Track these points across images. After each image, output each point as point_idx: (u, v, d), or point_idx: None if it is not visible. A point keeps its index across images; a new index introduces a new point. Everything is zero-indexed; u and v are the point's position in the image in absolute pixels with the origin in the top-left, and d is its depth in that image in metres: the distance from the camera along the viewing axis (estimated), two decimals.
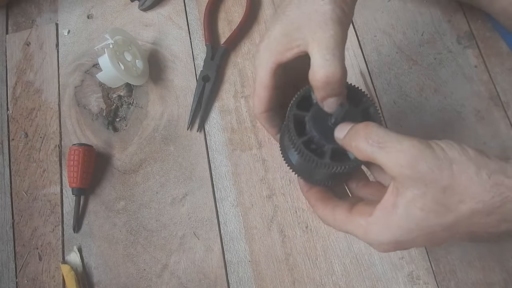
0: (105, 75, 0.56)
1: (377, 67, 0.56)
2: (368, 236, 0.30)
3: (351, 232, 0.32)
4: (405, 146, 0.28)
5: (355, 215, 0.32)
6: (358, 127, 0.30)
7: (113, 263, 0.53)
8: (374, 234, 0.30)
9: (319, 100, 0.33)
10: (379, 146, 0.29)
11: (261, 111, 0.37)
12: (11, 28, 0.68)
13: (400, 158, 0.28)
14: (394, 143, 0.28)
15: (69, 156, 0.55)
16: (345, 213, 0.32)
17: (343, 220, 0.32)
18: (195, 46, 0.61)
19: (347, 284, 0.48)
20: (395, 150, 0.28)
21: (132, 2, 0.65)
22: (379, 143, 0.29)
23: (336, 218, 0.33)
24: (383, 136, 0.29)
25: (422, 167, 0.27)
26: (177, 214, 0.54)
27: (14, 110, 0.62)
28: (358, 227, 0.31)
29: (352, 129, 0.31)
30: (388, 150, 0.28)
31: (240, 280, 0.50)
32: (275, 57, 0.34)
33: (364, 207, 0.32)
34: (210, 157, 0.56)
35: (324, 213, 0.34)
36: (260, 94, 0.36)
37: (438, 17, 0.57)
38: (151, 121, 0.58)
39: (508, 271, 0.46)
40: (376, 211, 0.30)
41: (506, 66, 0.53)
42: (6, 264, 0.55)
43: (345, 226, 0.32)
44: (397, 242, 0.30)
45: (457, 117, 0.52)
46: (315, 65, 0.32)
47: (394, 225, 0.29)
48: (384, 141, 0.29)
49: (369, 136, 0.29)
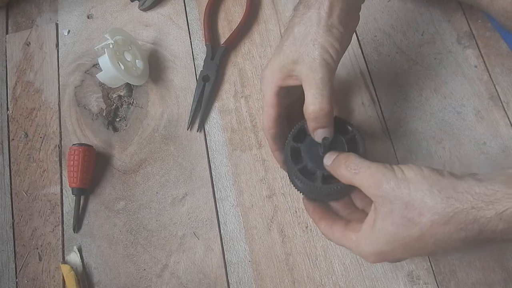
0: (105, 75, 0.56)
1: (377, 67, 0.56)
2: (358, 248, 0.36)
3: (346, 246, 0.38)
4: (373, 170, 0.35)
5: (348, 231, 0.38)
6: (340, 157, 0.38)
7: (113, 263, 0.53)
8: (362, 247, 0.36)
9: (310, 130, 0.40)
10: (355, 172, 0.36)
11: (269, 127, 0.43)
12: (11, 28, 0.68)
13: (369, 181, 0.35)
14: (365, 169, 0.35)
15: (69, 156, 0.55)
16: (341, 229, 0.39)
17: (339, 236, 0.39)
18: (195, 46, 0.61)
19: (347, 284, 0.48)
20: (366, 174, 0.35)
21: (132, 2, 0.65)
22: (355, 170, 0.36)
23: (334, 234, 0.39)
24: (358, 164, 0.36)
25: (385, 187, 0.34)
26: (177, 214, 0.54)
27: (14, 110, 0.62)
28: (350, 241, 0.37)
29: (336, 159, 0.38)
30: (361, 175, 0.35)
31: (240, 280, 0.50)
32: (277, 81, 0.42)
33: (355, 224, 0.38)
34: (210, 157, 0.56)
35: (325, 230, 0.40)
36: (268, 112, 0.43)
37: (438, 17, 0.57)
38: (151, 121, 0.58)
39: (508, 271, 0.46)
40: (363, 226, 0.36)
41: (506, 66, 0.53)
42: (6, 264, 0.55)
43: (341, 240, 0.38)
44: (381, 253, 0.35)
45: (457, 117, 0.52)
46: (307, 102, 0.39)
47: (375, 238, 0.35)
48: (358, 168, 0.36)
49: (348, 164, 0.36)
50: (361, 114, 0.54)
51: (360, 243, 0.36)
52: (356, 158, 0.37)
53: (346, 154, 0.38)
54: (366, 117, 0.54)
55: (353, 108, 0.55)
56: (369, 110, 0.54)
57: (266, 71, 0.42)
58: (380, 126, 0.53)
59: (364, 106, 0.54)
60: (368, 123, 0.54)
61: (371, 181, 0.35)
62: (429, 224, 0.32)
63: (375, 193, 0.34)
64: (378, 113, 0.54)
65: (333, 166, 0.38)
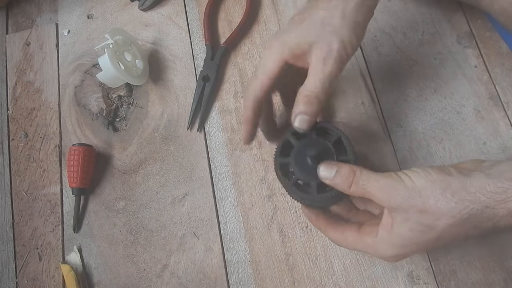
0: (105, 75, 0.56)
1: (377, 67, 0.56)
2: (377, 252, 0.37)
3: (362, 250, 0.38)
4: (381, 184, 0.35)
5: (363, 236, 0.37)
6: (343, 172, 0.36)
7: (113, 263, 0.53)
8: (382, 250, 0.36)
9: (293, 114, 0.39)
10: (363, 189, 0.35)
11: (256, 94, 0.40)
12: (11, 28, 0.68)
13: (380, 194, 0.35)
14: (373, 183, 0.35)
15: (69, 156, 0.55)
16: (354, 234, 0.38)
17: (354, 241, 0.38)
18: (195, 46, 0.61)
19: (347, 284, 0.48)
20: (375, 188, 0.35)
21: (132, 2, 0.65)
22: (363, 186, 0.35)
23: (347, 240, 0.39)
24: (365, 179, 0.35)
25: (398, 199, 0.34)
26: (177, 214, 0.54)
27: (14, 110, 0.62)
28: (368, 246, 0.37)
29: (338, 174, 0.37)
30: (370, 189, 0.35)
31: (240, 280, 0.50)
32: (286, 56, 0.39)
33: (369, 228, 0.37)
34: (210, 157, 0.56)
35: (335, 236, 0.40)
36: (263, 81, 0.40)
37: (438, 17, 0.57)
38: (151, 121, 0.58)
39: (508, 271, 0.46)
40: (379, 231, 0.36)
41: (506, 66, 0.53)
42: (6, 264, 0.55)
43: (356, 245, 0.38)
44: (401, 255, 0.36)
45: (457, 117, 0.52)
46: (307, 85, 0.38)
47: (394, 243, 0.35)
48: (366, 183, 0.35)
49: (356, 182, 0.36)
50: (361, 114, 0.54)
51: (378, 247, 0.36)
52: (361, 173, 0.36)
53: (349, 167, 0.37)
54: (366, 117, 0.54)
55: (353, 108, 0.55)
56: (369, 110, 0.54)
57: (277, 42, 0.40)
58: (380, 126, 0.53)
59: (364, 106, 0.54)
60: (368, 123, 0.54)
61: (381, 194, 0.34)
62: (447, 227, 0.33)
63: (388, 205, 0.35)
64: (378, 113, 0.54)
65: (336, 181, 0.37)
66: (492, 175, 0.32)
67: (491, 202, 0.31)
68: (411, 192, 0.33)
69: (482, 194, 0.32)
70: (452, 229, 0.33)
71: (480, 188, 0.32)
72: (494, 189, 0.31)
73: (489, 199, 0.31)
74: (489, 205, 0.31)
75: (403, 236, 0.34)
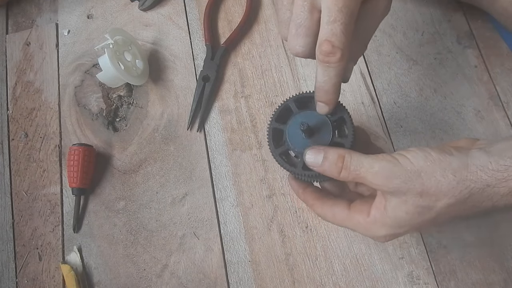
0: (105, 75, 0.56)
1: (377, 67, 0.56)
2: (369, 232, 0.36)
3: (351, 228, 0.37)
4: (377, 168, 0.32)
5: (354, 213, 0.36)
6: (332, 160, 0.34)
7: (113, 263, 0.53)
8: (374, 231, 0.35)
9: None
10: (356, 174, 0.33)
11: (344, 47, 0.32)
12: (11, 28, 0.68)
13: (375, 179, 0.32)
14: (367, 168, 0.33)
15: (69, 156, 0.55)
16: (344, 211, 0.36)
17: (344, 218, 0.37)
18: (195, 46, 0.61)
19: (347, 284, 0.48)
20: (369, 174, 0.33)
21: (132, 2, 0.65)
22: (355, 171, 0.33)
23: (335, 216, 0.37)
24: (357, 164, 0.33)
25: (396, 182, 0.32)
26: (177, 214, 0.54)
27: (14, 110, 0.62)
28: (358, 224, 0.36)
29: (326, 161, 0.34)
30: (364, 175, 0.33)
31: (240, 280, 0.50)
32: None
33: (360, 206, 0.36)
34: (210, 157, 0.56)
35: (324, 211, 0.38)
36: (344, 21, 0.31)
37: (438, 17, 0.57)
38: (151, 121, 0.58)
39: (508, 271, 0.46)
40: (372, 211, 0.35)
41: (506, 66, 0.53)
42: (6, 264, 0.55)
43: (345, 223, 0.37)
44: (393, 234, 0.35)
45: (457, 117, 0.52)
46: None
47: (388, 223, 0.34)
48: (358, 168, 0.33)
49: (346, 167, 0.33)
50: (361, 114, 0.54)
51: (370, 227, 0.35)
52: (352, 158, 0.33)
53: (337, 153, 0.34)
54: (366, 117, 0.54)
55: (353, 108, 0.55)
56: (369, 110, 0.54)
57: None
58: (380, 126, 0.53)
59: (364, 106, 0.54)
60: (368, 123, 0.54)
61: (377, 179, 0.32)
62: (446, 207, 0.32)
63: (384, 189, 0.33)
64: (378, 113, 0.54)
65: (324, 168, 0.34)
66: (492, 153, 0.31)
67: (492, 181, 0.30)
68: (409, 174, 0.32)
69: (484, 172, 0.31)
70: (451, 208, 0.32)
71: (481, 167, 0.31)
72: (496, 167, 0.30)
73: (490, 177, 0.30)
74: (490, 184, 0.31)
75: (398, 218, 0.33)
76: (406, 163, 0.32)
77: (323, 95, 0.35)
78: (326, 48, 0.31)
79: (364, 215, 0.35)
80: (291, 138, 0.37)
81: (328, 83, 0.34)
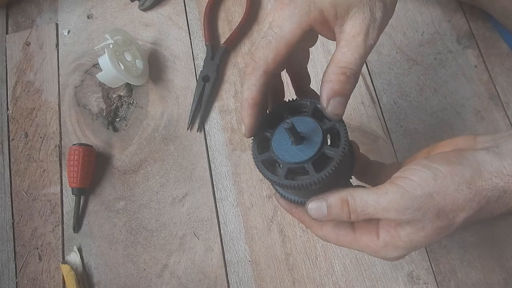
0: (105, 75, 0.56)
1: (377, 67, 0.56)
2: (379, 254, 0.33)
3: (357, 249, 0.34)
4: (384, 204, 0.30)
5: (360, 235, 0.33)
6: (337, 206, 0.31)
7: (113, 263, 0.53)
8: (384, 253, 0.33)
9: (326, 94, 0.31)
10: (365, 215, 0.31)
11: (266, 68, 0.31)
12: (11, 28, 0.68)
13: (387, 214, 0.30)
14: (375, 206, 0.30)
15: (69, 156, 0.55)
16: (349, 233, 0.34)
17: (349, 241, 0.34)
18: (195, 46, 0.61)
19: (347, 284, 0.48)
20: (380, 211, 0.30)
21: (132, 2, 0.65)
22: (363, 212, 0.31)
23: (339, 239, 0.34)
24: (362, 205, 0.30)
25: (408, 213, 0.29)
26: (177, 214, 0.54)
27: (14, 110, 0.62)
28: (367, 247, 0.33)
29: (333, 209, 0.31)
30: (374, 213, 0.30)
31: (240, 280, 0.50)
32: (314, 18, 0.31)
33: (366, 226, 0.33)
34: (210, 157, 0.56)
35: (325, 234, 0.35)
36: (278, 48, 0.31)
37: (438, 17, 0.57)
38: (151, 121, 0.58)
39: (508, 271, 0.46)
40: (381, 234, 0.32)
41: (506, 66, 0.53)
42: (6, 264, 0.55)
43: (351, 245, 0.34)
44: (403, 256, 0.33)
45: (457, 117, 0.52)
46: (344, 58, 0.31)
47: (401, 246, 0.32)
48: (365, 209, 0.30)
49: (353, 211, 0.31)
50: (361, 114, 0.54)
51: (380, 250, 0.32)
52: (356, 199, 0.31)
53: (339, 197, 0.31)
54: (366, 117, 0.54)
55: (353, 108, 0.55)
56: (369, 110, 0.54)
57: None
58: (380, 126, 0.53)
59: (364, 106, 0.54)
60: (368, 123, 0.54)
61: (388, 214, 0.30)
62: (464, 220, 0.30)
63: (397, 221, 0.30)
64: (378, 113, 0.54)
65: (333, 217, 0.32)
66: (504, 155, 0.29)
67: (509, 187, 0.29)
68: (421, 200, 0.29)
69: (499, 178, 0.29)
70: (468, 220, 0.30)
71: (496, 173, 0.29)
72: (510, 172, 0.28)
73: (506, 183, 0.29)
74: (507, 190, 0.29)
75: (414, 242, 0.31)
76: (414, 189, 0.29)
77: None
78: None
79: (373, 238, 0.32)
80: (277, 145, 0.33)
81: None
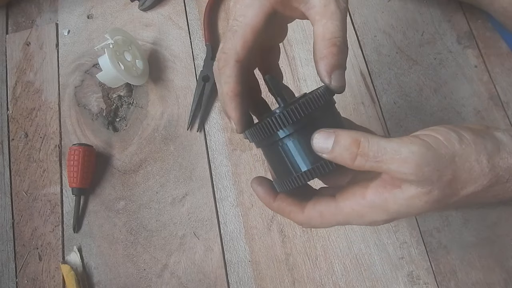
0: (105, 75, 0.56)
1: (377, 67, 0.56)
2: (365, 218, 0.30)
3: (343, 221, 0.30)
4: (404, 155, 0.27)
5: (343, 201, 0.30)
6: (344, 144, 0.28)
7: (113, 263, 0.53)
8: (370, 216, 0.29)
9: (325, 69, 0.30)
10: (375, 162, 0.27)
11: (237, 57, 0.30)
12: (11, 28, 0.68)
13: (404, 167, 0.27)
14: (392, 155, 0.27)
15: (69, 156, 0.55)
16: (331, 204, 0.30)
17: (333, 212, 0.30)
18: (195, 46, 0.61)
19: (347, 284, 0.48)
20: (396, 161, 0.27)
21: (132, 2, 0.65)
22: (375, 158, 0.27)
23: (323, 214, 0.31)
24: (377, 150, 0.27)
25: (427, 170, 0.27)
26: (177, 214, 0.54)
27: (14, 110, 0.62)
28: (352, 212, 0.30)
29: (339, 146, 0.28)
30: (387, 162, 0.27)
31: (240, 280, 0.50)
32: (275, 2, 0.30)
33: (352, 190, 0.30)
34: (210, 157, 0.56)
35: (307, 216, 0.31)
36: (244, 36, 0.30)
37: (438, 17, 0.57)
38: (151, 121, 0.58)
39: (508, 271, 0.46)
40: (370, 195, 0.29)
41: (506, 66, 0.53)
42: (6, 264, 0.55)
43: (336, 218, 0.30)
44: (392, 220, 0.30)
45: (457, 117, 0.52)
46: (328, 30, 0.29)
47: (393, 210, 0.29)
48: (380, 155, 0.27)
49: (363, 153, 0.28)
50: (361, 114, 0.54)
51: (366, 212, 0.29)
52: (371, 142, 0.28)
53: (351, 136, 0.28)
54: (366, 117, 0.54)
55: (353, 108, 0.55)
56: (369, 110, 0.54)
57: None
58: (380, 126, 0.53)
59: (364, 106, 0.54)
60: (368, 123, 0.54)
61: (405, 167, 0.27)
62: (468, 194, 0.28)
63: (409, 178, 0.27)
64: (378, 113, 0.54)
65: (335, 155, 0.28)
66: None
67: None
68: (443, 159, 0.27)
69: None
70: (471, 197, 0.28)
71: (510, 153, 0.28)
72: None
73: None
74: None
75: (411, 206, 0.28)
76: (439, 147, 0.27)
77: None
78: None
79: (357, 199, 0.29)
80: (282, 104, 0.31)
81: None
